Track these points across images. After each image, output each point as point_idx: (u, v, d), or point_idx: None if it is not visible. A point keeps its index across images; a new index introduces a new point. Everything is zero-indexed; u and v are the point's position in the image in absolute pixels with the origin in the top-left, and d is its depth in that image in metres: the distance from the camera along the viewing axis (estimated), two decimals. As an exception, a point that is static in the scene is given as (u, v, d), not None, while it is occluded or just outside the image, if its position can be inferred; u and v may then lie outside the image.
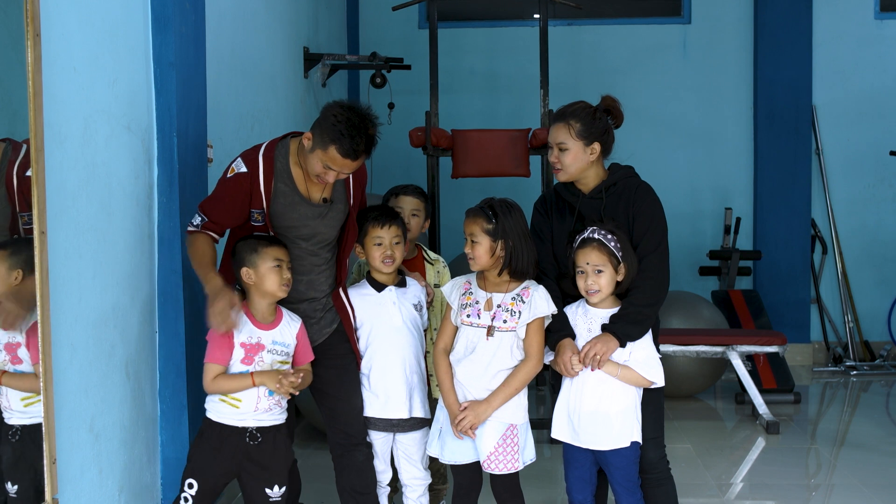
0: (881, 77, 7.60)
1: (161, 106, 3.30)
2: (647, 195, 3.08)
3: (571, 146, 3.08)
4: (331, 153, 2.89)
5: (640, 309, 2.97)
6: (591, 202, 3.12)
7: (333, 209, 3.14)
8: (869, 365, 7.28)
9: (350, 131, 2.87)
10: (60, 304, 2.55)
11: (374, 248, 3.22)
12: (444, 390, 3.06)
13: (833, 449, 5.16)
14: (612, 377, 2.96)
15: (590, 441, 2.99)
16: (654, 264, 3.01)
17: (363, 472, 3.21)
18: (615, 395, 2.97)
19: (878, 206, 7.66)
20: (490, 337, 3.00)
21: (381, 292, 3.27)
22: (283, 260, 3.00)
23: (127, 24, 3.10)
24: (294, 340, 3.06)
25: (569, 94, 3.70)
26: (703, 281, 7.57)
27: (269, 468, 3.00)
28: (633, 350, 2.98)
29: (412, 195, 3.71)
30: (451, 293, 3.10)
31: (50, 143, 2.49)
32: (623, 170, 3.15)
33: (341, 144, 2.87)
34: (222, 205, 3.04)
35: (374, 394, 3.24)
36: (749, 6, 7.66)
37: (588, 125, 3.07)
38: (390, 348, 3.23)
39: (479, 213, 3.01)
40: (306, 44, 6.04)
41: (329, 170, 2.94)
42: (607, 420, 2.96)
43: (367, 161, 3.12)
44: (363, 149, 2.91)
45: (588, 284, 2.98)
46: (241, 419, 2.95)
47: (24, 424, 2.44)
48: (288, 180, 3.05)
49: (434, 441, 3.13)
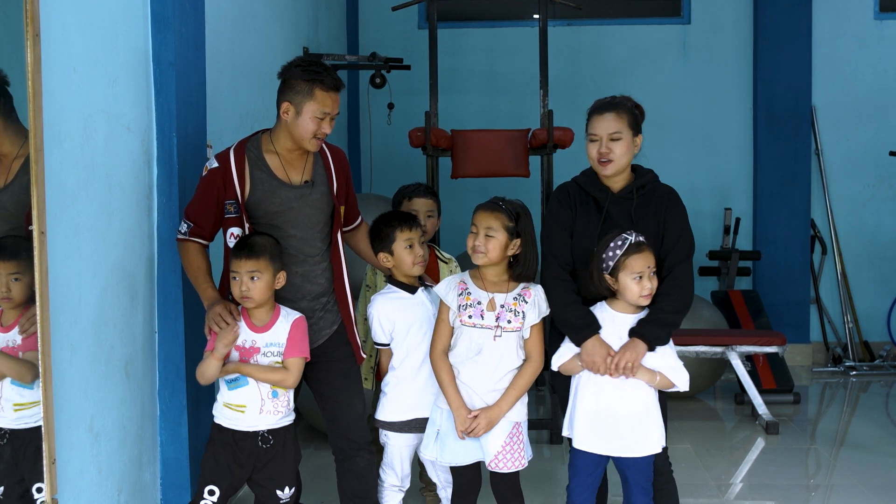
0: (881, 77, 7.60)
1: (161, 106, 3.30)
2: (678, 204, 3.07)
3: (626, 136, 3.01)
4: (318, 96, 2.99)
5: (668, 315, 2.95)
6: (621, 202, 3.06)
7: (315, 191, 3.15)
8: (868, 365, 7.28)
9: (318, 69, 3.01)
10: (60, 304, 2.54)
11: (406, 252, 3.21)
12: (448, 392, 3.02)
13: (832, 449, 5.16)
14: (643, 383, 2.94)
15: (622, 448, 2.94)
16: (684, 272, 3.00)
17: (364, 477, 3.20)
18: (648, 401, 2.95)
19: (878, 206, 7.66)
20: (498, 337, 2.99)
21: (415, 294, 3.26)
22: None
23: (127, 24, 3.10)
24: (286, 336, 3.02)
25: (568, 94, 3.71)
26: (702, 281, 7.56)
27: (281, 470, 3.01)
28: (663, 356, 2.96)
29: (425, 196, 3.72)
30: (447, 294, 3.05)
31: (50, 143, 2.48)
32: (648, 173, 3.12)
33: (322, 81, 2.99)
34: (201, 205, 3.09)
35: (419, 395, 3.19)
36: (749, 6, 7.66)
37: (635, 117, 3.06)
38: (427, 348, 3.17)
39: (499, 209, 3.00)
40: (306, 44, 6.04)
41: (325, 116, 3.01)
42: (644, 426, 2.94)
43: (367, 161, 3.14)
44: (338, 77, 3.04)
45: (647, 289, 2.93)
46: (251, 425, 2.96)
47: (14, 428, 2.42)
48: (264, 167, 3.10)
49: (431, 444, 3.11)
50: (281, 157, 3.12)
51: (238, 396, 2.97)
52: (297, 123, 3.02)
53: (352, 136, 7.57)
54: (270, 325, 3.00)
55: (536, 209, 6.05)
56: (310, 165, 3.16)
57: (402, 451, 3.26)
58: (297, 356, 3.01)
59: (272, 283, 2.96)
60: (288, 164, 3.12)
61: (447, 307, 3.06)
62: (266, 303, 2.98)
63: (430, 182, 5.29)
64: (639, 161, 3.19)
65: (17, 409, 2.42)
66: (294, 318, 3.04)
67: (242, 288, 2.90)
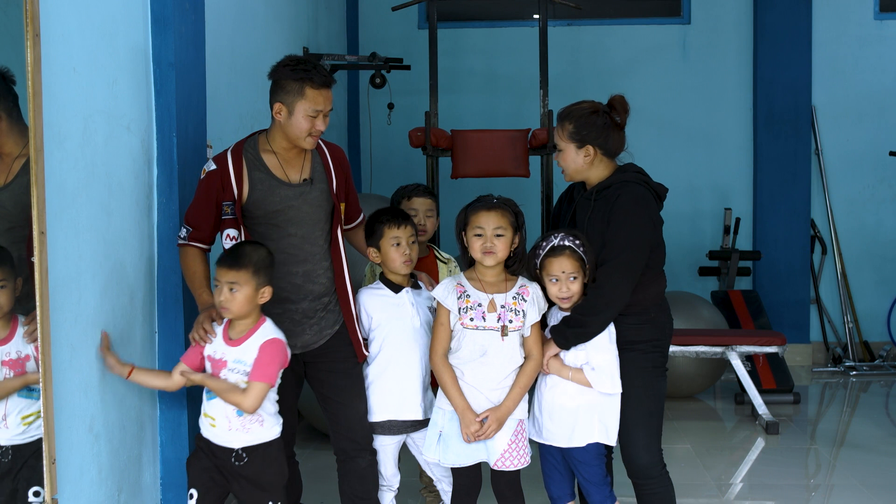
0: (881, 77, 7.60)
1: (160, 106, 3.30)
2: (624, 204, 2.99)
3: (563, 147, 3.11)
4: (308, 94, 2.99)
5: (577, 316, 2.99)
6: (585, 202, 3.13)
7: (315, 188, 3.15)
8: (868, 365, 7.28)
9: (307, 66, 3.01)
10: (60, 304, 2.54)
11: (393, 250, 3.20)
12: (452, 395, 3.02)
13: (832, 449, 5.16)
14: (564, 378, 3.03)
15: (552, 438, 3.06)
16: (604, 274, 2.98)
17: (365, 478, 3.20)
18: (573, 394, 3.02)
19: (878, 206, 7.66)
20: (505, 337, 3.00)
21: (399, 293, 3.25)
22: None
23: (127, 24, 3.10)
24: (254, 356, 2.85)
25: (568, 94, 3.71)
26: (702, 281, 7.57)
27: (262, 486, 2.89)
28: (590, 354, 3.00)
29: (424, 196, 3.72)
30: (445, 297, 3.04)
31: (50, 143, 2.48)
32: (624, 173, 3.09)
33: (312, 79, 2.98)
34: (200, 209, 3.09)
35: (388, 396, 3.20)
36: (749, 6, 7.66)
37: (580, 127, 3.05)
38: (408, 350, 3.19)
39: (503, 207, 3.03)
40: (306, 44, 6.04)
41: (317, 114, 3.01)
42: (566, 418, 3.02)
43: (367, 161, 3.15)
44: (328, 74, 3.04)
45: (563, 292, 3.01)
46: (224, 440, 2.87)
47: (17, 444, 2.42)
48: (262, 167, 3.09)
49: (433, 445, 3.11)
50: (278, 156, 3.11)
51: (211, 408, 2.89)
52: (290, 123, 3.02)
53: (352, 136, 7.57)
54: (243, 341, 2.86)
55: (536, 209, 6.07)
56: (308, 164, 3.16)
57: (382, 452, 3.26)
58: (259, 381, 2.81)
59: (253, 297, 2.83)
60: (286, 163, 3.12)
61: (446, 310, 3.04)
62: (247, 316, 2.86)
63: (430, 182, 5.30)
64: (638, 161, 3.19)
65: (24, 422, 2.41)
66: (268, 338, 2.87)
67: (220, 297, 2.82)
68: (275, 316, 3.01)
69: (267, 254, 2.91)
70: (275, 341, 2.86)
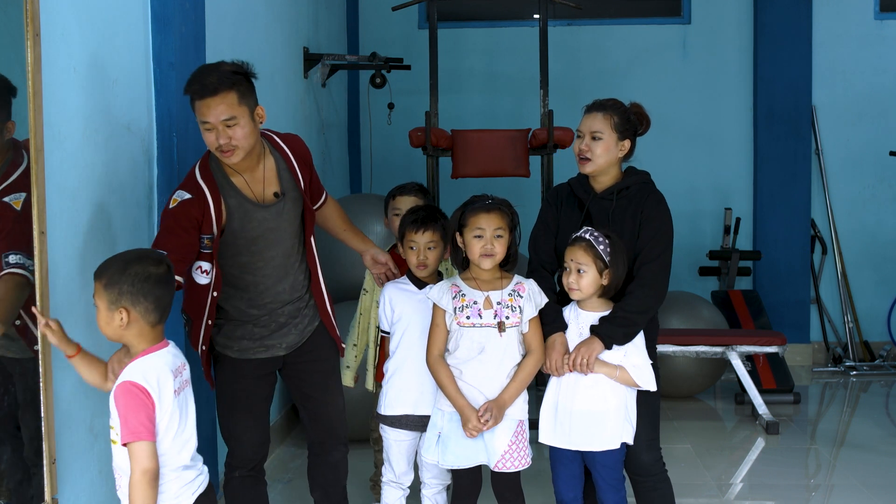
0: (881, 77, 7.60)
1: (161, 106, 3.30)
2: (658, 204, 3.09)
3: (606, 137, 3.07)
4: (196, 107, 2.77)
5: (627, 314, 2.99)
6: (601, 202, 3.12)
7: (288, 200, 3.03)
8: (868, 365, 7.28)
9: (192, 77, 2.78)
10: (60, 304, 2.54)
11: (409, 252, 3.27)
12: (451, 394, 3.02)
13: (833, 449, 5.16)
14: (605, 378, 2.98)
15: (580, 442, 3.00)
16: (651, 273, 3.02)
17: (338, 468, 3.26)
18: (608, 396, 2.99)
19: (878, 206, 7.66)
20: (503, 333, 3.00)
21: (421, 290, 3.28)
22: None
23: (127, 24, 3.10)
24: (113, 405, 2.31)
25: (569, 95, 3.71)
26: (702, 281, 7.57)
27: None
28: (627, 353, 2.99)
29: (410, 194, 3.69)
30: (440, 298, 3.05)
31: (50, 143, 2.48)
32: (638, 175, 3.15)
33: (193, 91, 2.75)
34: (175, 236, 2.75)
35: (405, 391, 3.23)
36: (749, 6, 7.65)
37: (625, 121, 3.09)
38: (425, 346, 3.18)
39: (501, 208, 3.04)
40: (306, 44, 6.03)
41: (208, 125, 2.75)
42: (600, 420, 2.98)
43: (367, 160, 3.13)
44: (213, 79, 2.73)
45: (569, 282, 3.01)
46: None
47: None
48: (233, 191, 2.91)
49: (433, 446, 3.11)
50: (241, 173, 2.92)
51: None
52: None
53: (352, 136, 7.56)
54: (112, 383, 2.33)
55: (536, 209, 6.03)
56: (272, 174, 2.99)
57: (396, 447, 3.28)
58: (132, 440, 2.19)
59: (110, 320, 2.32)
60: (252, 180, 2.94)
61: (441, 311, 3.05)
62: (133, 346, 2.35)
63: (431, 182, 5.30)
64: (638, 161, 3.20)
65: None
66: (122, 380, 2.25)
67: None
68: (262, 322, 3.03)
69: (149, 277, 2.34)
70: (129, 386, 2.25)
